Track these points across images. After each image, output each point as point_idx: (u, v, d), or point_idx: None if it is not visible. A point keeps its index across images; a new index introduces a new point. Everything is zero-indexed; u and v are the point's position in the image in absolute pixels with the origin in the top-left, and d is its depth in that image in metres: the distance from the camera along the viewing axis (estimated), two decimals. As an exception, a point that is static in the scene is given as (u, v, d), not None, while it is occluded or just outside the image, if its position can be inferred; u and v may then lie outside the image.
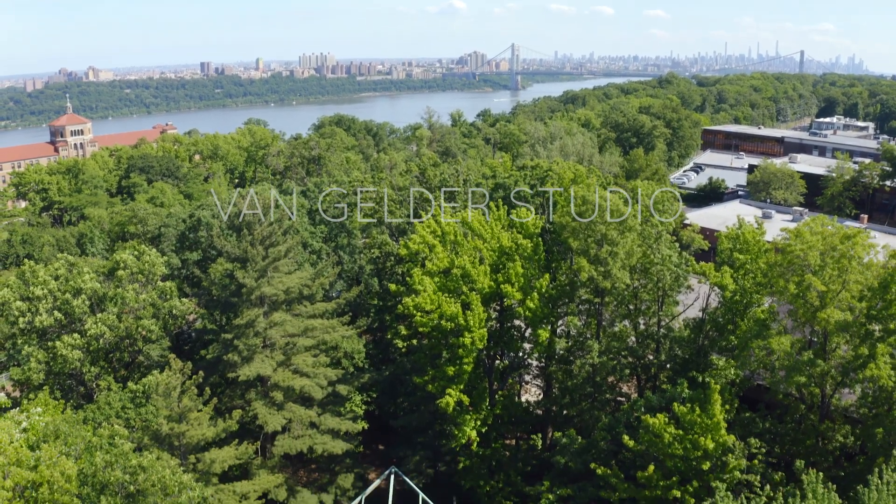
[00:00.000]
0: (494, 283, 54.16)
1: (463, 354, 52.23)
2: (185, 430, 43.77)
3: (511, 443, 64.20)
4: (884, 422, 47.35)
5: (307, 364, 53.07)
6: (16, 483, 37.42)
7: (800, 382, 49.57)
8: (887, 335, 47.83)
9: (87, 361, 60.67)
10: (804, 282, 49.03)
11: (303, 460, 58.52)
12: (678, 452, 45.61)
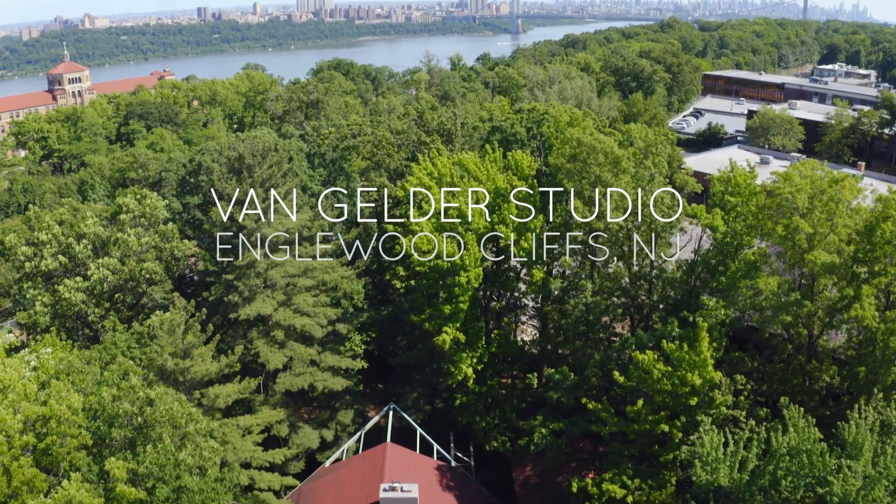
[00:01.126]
0: (489, 224, 55.22)
1: (459, 293, 53.52)
2: (190, 365, 45.20)
3: (507, 381, 65.81)
4: (867, 361, 48.67)
5: (307, 304, 54.36)
6: (26, 417, 38.70)
7: (786, 321, 50.88)
8: (872, 277, 48.90)
9: (91, 304, 62.04)
10: (792, 224, 50.07)
11: (304, 397, 60.16)
12: (666, 388, 47.00)
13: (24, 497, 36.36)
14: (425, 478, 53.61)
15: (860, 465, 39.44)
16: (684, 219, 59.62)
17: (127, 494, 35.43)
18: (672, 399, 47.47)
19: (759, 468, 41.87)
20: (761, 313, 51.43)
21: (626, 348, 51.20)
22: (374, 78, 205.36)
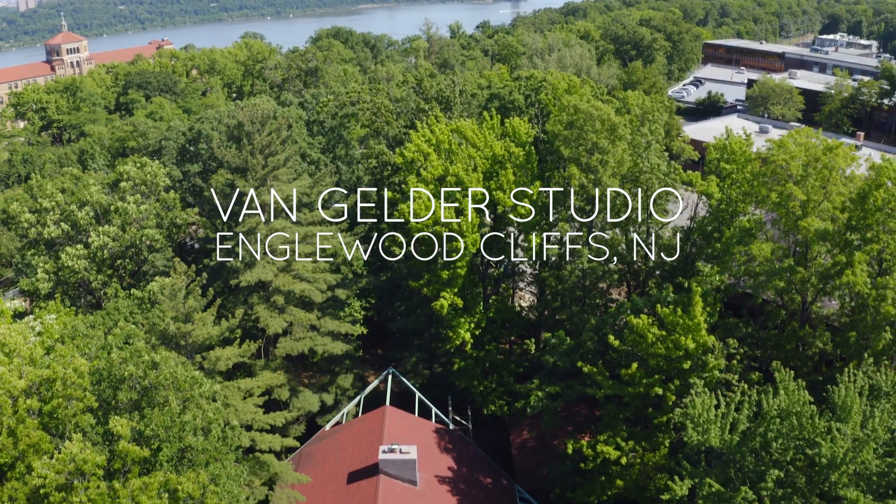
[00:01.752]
0: (487, 190, 55.76)
1: (456, 258, 54.19)
2: (191, 329, 45.90)
3: (505, 346, 66.65)
4: (858, 326, 49.41)
5: (307, 269, 55.00)
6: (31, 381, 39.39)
7: (779, 287, 51.56)
8: (864, 244, 49.50)
9: (93, 270, 62.76)
10: (786, 191, 50.60)
11: (304, 362, 61.01)
12: (660, 352, 47.76)
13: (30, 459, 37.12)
14: (424, 440, 54.61)
15: (849, 428, 40.28)
16: (680, 186, 60.12)
17: (131, 452, 36.16)
18: (666, 363, 48.24)
19: (751, 430, 42.73)
20: (755, 279, 52.09)
21: (622, 313, 51.93)
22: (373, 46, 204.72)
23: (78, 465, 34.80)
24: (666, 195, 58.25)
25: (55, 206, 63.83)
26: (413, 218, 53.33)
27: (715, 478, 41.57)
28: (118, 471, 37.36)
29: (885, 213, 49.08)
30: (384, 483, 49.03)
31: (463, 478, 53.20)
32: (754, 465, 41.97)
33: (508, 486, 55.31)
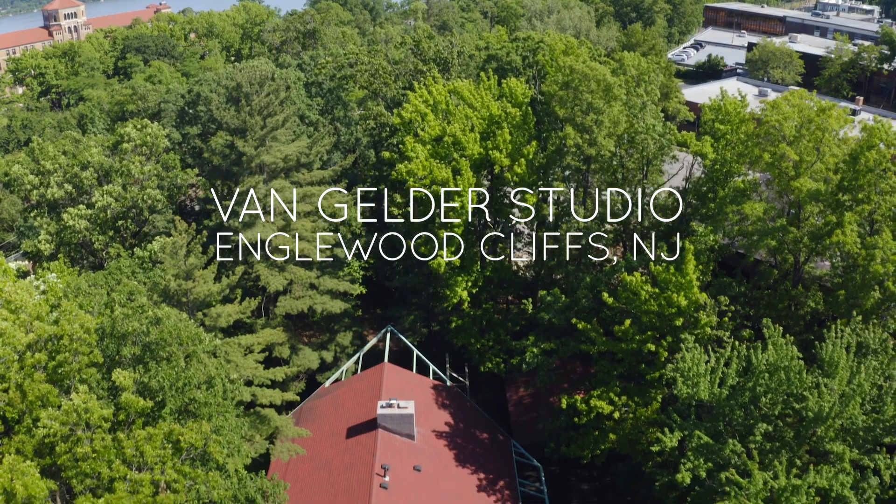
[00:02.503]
0: (484, 150, 56.31)
1: (453, 217, 54.88)
2: (192, 286, 46.73)
3: (503, 306, 67.58)
4: (847, 285, 50.23)
5: (306, 229, 55.71)
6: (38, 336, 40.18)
7: (771, 246, 52.39)
8: (855, 204, 50.19)
9: (95, 231, 63.52)
10: (778, 151, 51.18)
11: (304, 321, 61.89)
12: (653, 309, 48.63)
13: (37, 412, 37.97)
14: (421, 396, 55.68)
15: (835, 383, 41.24)
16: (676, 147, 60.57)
17: (134, 403, 37.06)
18: (659, 319, 49.13)
19: (740, 385, 43.70)
20: (748, 238, 52.85)
21: (616, 271, 52.71)
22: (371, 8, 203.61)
23: (82, 416, 35.67)
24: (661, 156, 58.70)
25: (57, 168, 64.46)
26: (410, 177, 53.94)
27: (704, 431, 42.59)
28: (122, 422, 38.34)
29: (877, 175, 49.69)
30: (382, 437, 50.15)
31: (460, 433, 54.35)
32: (743, 419, 42.96)
33: (504, 440, 56.50)
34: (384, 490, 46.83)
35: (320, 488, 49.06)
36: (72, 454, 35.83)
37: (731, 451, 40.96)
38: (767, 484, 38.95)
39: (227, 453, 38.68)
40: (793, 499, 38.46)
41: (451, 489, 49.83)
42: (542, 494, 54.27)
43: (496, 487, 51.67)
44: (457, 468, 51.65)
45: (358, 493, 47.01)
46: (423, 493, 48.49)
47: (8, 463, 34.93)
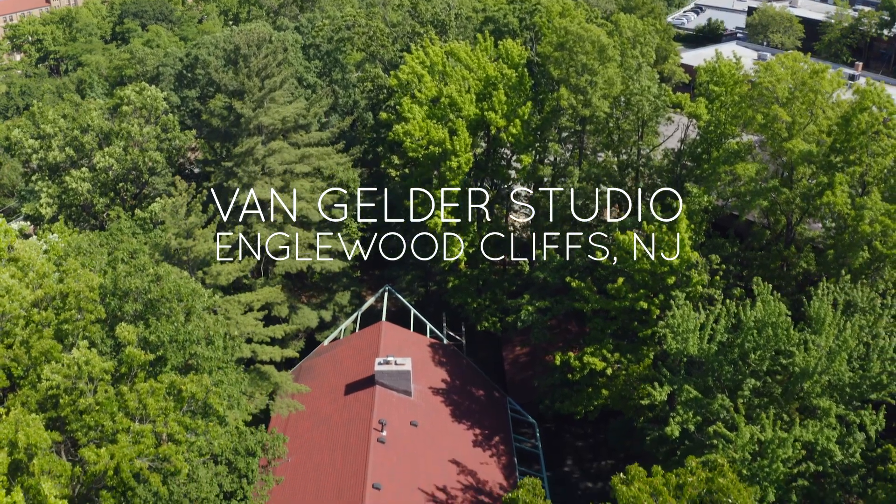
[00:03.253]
0: (480, 111, 56.84)
1: (450, 177, 55.57)
2: (192, 245, 47.50)
3: (499, 267, 68.40)
4: (836, 245, 51.05)
5: (305, 189, 56.38)
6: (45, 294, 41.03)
7: (763, 206, 53.15)
8: (847, 165, 50.83)
9: (96, 193, 64.18)
10: (771, 113, 51.72)
11: (303, 281, 62.76)
12: (646, 267, 49.46)
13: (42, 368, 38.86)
14: (418, 354, 56.66)
15: (822, 340, 42.14)
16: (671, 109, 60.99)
17: (136, 357, 37.97)
18: (651, 278, 49.96)
19: (730, 341, 44.61)
20: (740, 199, 53.54)
21: (611, 231, 53.47)
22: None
23: (84, 369, 36.55)
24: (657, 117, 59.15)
25: (58, 132, 64.96)
26: (407, 138, 54.51)
27: (693, 386, 43.58)
28: (125, 376, 39.29)
29: (869, 137, 50.29)
30: (380, 393, 51.21)
31: (456, 389, 55.41)
32: (732, 375, 43.94)
33: (500, 398, 57.59)
34: (381, 444, 47.99)
35: (319, 443, 50.23)
36: (75, 407, 36.75)
37: (719, 406, 41.95)
38: (754, 437, 39.97)
39: (227, 405, 39.63)
40: (779, 451, 39.52)
41: (447, 444, 50.98)
42: (537, 450, 55.44)
43: (492, 443, 52.83)
44: (453, 424, 52.78)
45: (356, 447, 48.17)
46: (420, 447, 49.66)
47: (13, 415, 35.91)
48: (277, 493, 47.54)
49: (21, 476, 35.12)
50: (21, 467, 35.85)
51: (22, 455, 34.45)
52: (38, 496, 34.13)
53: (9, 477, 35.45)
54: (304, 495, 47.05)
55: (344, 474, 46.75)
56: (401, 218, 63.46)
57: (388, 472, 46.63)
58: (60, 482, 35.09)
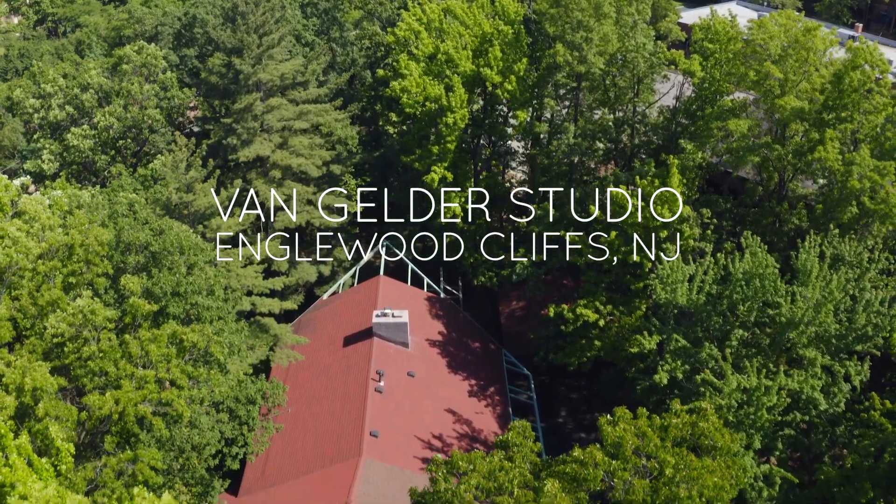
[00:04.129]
0: (476, 67, 57.40)
1: (446, 133, 56.26)
2: (193, 199, 48.39)
3: (496, 225, 69.24)
4: (826, 200, 51.89)
5: (303, 145, 57.10)
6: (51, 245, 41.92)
7: (754, 162, 53.93)
8: (838, 122, 51.50)
9: (98, 151, 64.94)
10: (763, 70, 52.26)
11: (302, 237, 63.64)
12: (638, 221, 50.39)
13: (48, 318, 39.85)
14: (416, 307, 57.79)
15: (809, 291, 43.16)
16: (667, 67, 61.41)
17: (140, 307, 39.02)
18: (644, 231, 50.86)
19: (719, 293, 45.65)
20: (733, 154, 54.29)
21: (605, 185, 54.25)
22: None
23: (88, 318, 37.57)
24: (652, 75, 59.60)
25: (58, 91, 65.58)
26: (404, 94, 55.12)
27: (683, 336, 44.67)
28: (129, 325, 40.37)
29: (860, 95, 50.91)
30: (377, 345, 52.41)
31: (452, 342, 56.59)
32: (721, 326, 45.02)
33: (496, 350, 58.80)
34: (379, 394, 49.27)
35: (319, 393, 51.51)
36: (79, 354, 37.82)
37: (707, 355, 43.01)
38: (740, 385, 41.11)
39: (227, 352, 40.74)
40: (764, 399, 40.67)
41: (444, 394, 52.25)
42: (532, 401, 56.71)
43: (487, 393, 54.12)
44: (449, 375, 54.03)
45: (354, 396, 49.45)
46: (417, 397, 50.95)
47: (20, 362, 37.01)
48: (278, 441, 49.01)
49: (28, 421, 36.29)
50: (28, 413, 37.04)
51: (28, 399, 35.54)
52: (45, 440, 35.34)
53: (16, 421, 36.65)
54: (303, 443, 48.42)
55: (343, 422, 48.06)
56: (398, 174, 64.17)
57: (385, 420, 47.94)
58: (66, 426, 36.27)
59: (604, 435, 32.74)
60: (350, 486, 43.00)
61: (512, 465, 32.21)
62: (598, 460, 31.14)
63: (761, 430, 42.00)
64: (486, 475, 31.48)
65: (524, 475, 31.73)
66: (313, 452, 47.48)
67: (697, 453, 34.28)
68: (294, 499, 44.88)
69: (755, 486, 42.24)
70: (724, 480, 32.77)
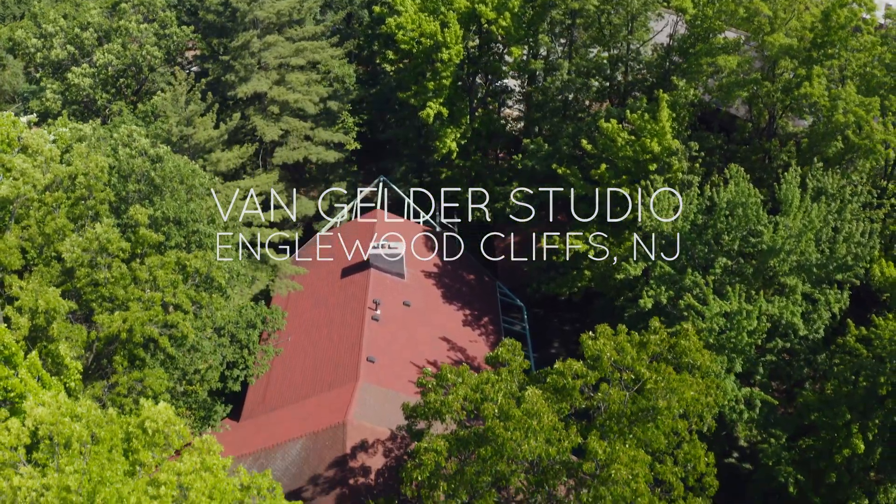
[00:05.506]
0: (471, 4, 58.21)
1: (441, 69, 57.22)
2: (193, 132, 49.63)
3: (493, 163, 70.47)
4: (811, 134, 53.06)
5: (300, 82, 58.13)
6: (55, 176, 43.29)
7: (742, 97, 55.01)
8: (826, 59, 52.45)
9: (98, 89, 65.98)
10: (752, 6, 53.07)
11: (300, 174, 64.94)
12: (629, 154, 51.59)
13: (56, 245, 41.36)
14: (412, 240, 59.31)
15: (790, 220, 44.62)
16: (661, 4, 61.94)
17: (148, 237, 40.58)
18: (633, 164, 52.13)
19: (705, 223, 47.06)
20: (723, 90, 55.33)
21: (596, 119, 55.38)
22: None
23: (103, 244, 39.12)
24: (646, 11, 60.17)
25: (59, 31, 66.55)
26: (399, 30, 56.00)
27: (667, 263, 46.22)
28: (136, 255, 41.93)
29: (848, 32, 51.79)
30: (374, 276, 54.06)
31: (447, 273, 58.22)
32: (705, 254, 46.53)
33: (490, 282, 60.45)
34: (376, 322, 51.06)
35: (317, 321, 53.30)
36: (90, 279, 39.49)
37: (691, 282, 44.59)
38: (722, 309, 42.76)
39: (228, 277, 42.38)
40: (744, 322, 42.34)
41: (438, 323, 54.02)
42: (525, 332, 58.48)
43: (481, 323, 55.89)
44: (444, 305, 55.76)
45: (352, 324, 51.26)
46: (412, 325, 52.74)
47: (32, 286, 38.68)
48: (278, 367, 50.97)
49: (40, 343, 38.09)
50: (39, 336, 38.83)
51: (42, 321, 37.29)
52: (55, 359, 37.17)
53: (28, 342, 38.47)
54: (303, 369, 50.34)
55: (340, 348, 49.93)
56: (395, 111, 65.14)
57: (381, 346, 49.80)
58: (76, 346, 38.08)
59: (584, 348, 34.49)
60: (347, 407, 45.00)
61: (499, 377, 34.01)
62: (577, 371, 32.88)
63: (742, 354, 43.73)
64: (473, 387, 33.29)
65: (510, 388, 33.52)
66: (312, 378, 49.43)
67: (678, 371, 36.04)
68: (294, 421, 46.86)
69: (736, 409, 44.10)
70: (701, 395, 34.60)
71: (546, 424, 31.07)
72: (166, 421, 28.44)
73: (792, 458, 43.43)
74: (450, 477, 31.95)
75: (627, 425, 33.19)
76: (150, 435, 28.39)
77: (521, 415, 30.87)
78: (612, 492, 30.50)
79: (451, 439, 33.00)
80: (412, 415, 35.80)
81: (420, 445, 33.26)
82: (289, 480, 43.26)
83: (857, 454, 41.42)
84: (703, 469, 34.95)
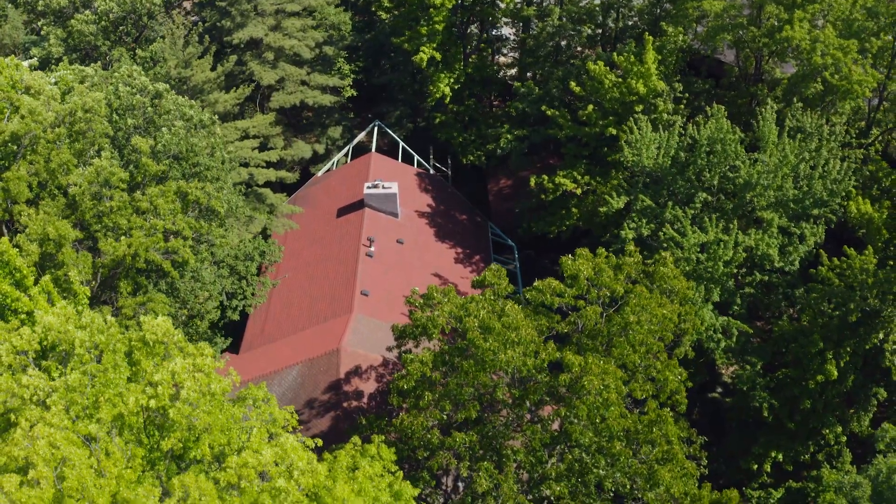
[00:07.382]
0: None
1: (434, 14, 58.53)
2: (191, 74, 51.17)
3: (487, 109, 71.92)
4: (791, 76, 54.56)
5: (296, 27, 59.48)
6: (57, 114, 44.83)
7: (727, 40, 56.37)
8: (808, 3, 53.72)
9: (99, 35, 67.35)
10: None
11: (297, 119, 66.45)
12: (615, 96, 53.18)
13: (60, 179, 43.08)
14: (406, 182, 61.02)
15: (767, 157, 46.31)
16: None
17: (150, 167, 42.26)
18: (620, 106, 53.71)
19: (686, 160, 48.72)
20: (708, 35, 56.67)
21: (584, 62, 56.81)
22: None
23: (106, 176, 40.89)
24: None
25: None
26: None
27: (650, 198, 47.99)
28: (138, 185, 43.67)
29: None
30: (368, 215, 55.93)
31: (440, 214, 60.05)
32: (686, 190, 48.26)
33: (482, 222, 62.30)
34: (370, 258, 53.01)
35: (313, 258, 55.29)
36: (95, 210, 41.31)
37: (671, 215, 46.40)
38: (699, 240, 44.62)
39: (227, 208, 44.17)
40: (720, 251, 44.24)
41: (431, 260, 55.95)
42: (516, 270, 60.39)
43: (472, 261, 57.82)
44: (436, 243, 57.68)
45: (347, 260, 53.22)
46: (405, 261, 54.70)
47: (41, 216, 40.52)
48: (276, 302, 53.06)
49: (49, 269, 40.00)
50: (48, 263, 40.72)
51: (51, 247, 39.16)
52: (65, 284, 39.12)
53: (38, 269, 40.38)
54: (300, 303, 52.40)
55: (335, 283, 51.95)
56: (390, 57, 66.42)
57: (375, 281, 51.80)
58: (84, 271, 40.00)
59: (563, 268, 36.43)
60: (341, 335, 47.12)
61: (483, 297, 36.01)
62: (555, 288, 34.85)
63: (719, 284, 45.62)
64: (458, 305, 35.29)
65: (493, 306, 35.50)
66: (309, 311, 51.52)
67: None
68: (291, 351, 49.00)
69: (714, 337, 46.07)
70: (673, 314, 36.58)
71: (525, 337, 33.09)
72: (165, 332, 30.38)
73: (767, 385, 45.32)
74: (433, 385, 34.02)
75: (603, 342, 35.24)
76: (151, 346, 30.38)
77: (501, 328, 32.88)
78: (585, 402, 32.53)
79: (437, 353, 35.08)
80: (401, 335, 37.80)
81: (407, 357, 35.38)
82: (286, 404, 45.34)
83: (830, 381, 43.17)
84: (674, 387, 36.89)
